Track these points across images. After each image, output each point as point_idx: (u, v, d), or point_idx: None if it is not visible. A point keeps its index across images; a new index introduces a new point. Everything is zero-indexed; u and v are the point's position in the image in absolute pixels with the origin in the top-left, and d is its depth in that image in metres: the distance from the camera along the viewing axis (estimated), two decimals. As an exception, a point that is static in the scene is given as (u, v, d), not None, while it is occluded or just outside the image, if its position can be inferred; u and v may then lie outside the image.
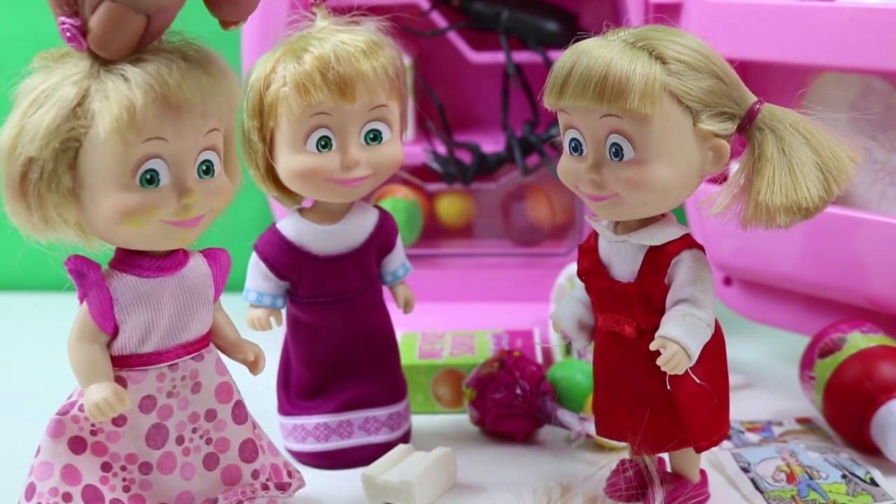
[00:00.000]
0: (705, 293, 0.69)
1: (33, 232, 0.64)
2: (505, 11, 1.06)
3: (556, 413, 0.85)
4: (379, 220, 0.82)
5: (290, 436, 0.84)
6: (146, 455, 0.68)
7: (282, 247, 0.80)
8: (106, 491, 0.67)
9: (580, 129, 0.68)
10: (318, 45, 0.74)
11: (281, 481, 0.74)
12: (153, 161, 0.63)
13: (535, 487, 0.75)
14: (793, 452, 0.81)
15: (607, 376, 0.73)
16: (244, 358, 0.73)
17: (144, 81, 0.61)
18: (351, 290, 0.81)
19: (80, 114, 0.61)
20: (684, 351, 0.67)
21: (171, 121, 0.62)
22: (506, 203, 1.13)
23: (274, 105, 0.75)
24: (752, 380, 0.97)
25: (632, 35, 0.67)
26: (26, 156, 0.61)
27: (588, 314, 0.74)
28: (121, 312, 0.66)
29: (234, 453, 0.72)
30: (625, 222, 0.71)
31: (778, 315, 0.99)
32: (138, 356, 0.67)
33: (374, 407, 0.84)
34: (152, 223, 0.64)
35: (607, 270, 0.72)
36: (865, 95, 0.90)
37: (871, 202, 0.90)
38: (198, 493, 0.70)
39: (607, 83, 0.65)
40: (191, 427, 0.70)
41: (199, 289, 0.69)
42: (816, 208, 0.66)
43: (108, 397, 0.64)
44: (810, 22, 0.87)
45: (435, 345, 0.96)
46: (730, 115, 0.67)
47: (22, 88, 0.63)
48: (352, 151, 0.76)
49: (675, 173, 0.67)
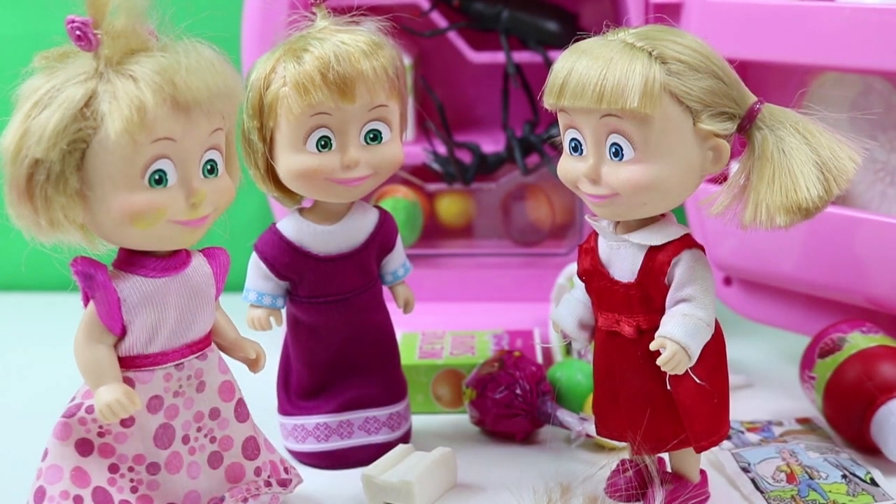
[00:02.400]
0: (705, 293, 0.69)
1: (39, 234, 0.64)
2: (505, 11, 1.06)
3: (556, 413, 0.85)
4: (379, 220, 0.82)
5: (290, 436, 0.84)
6: (154, 455, 0.68)
7: (282, 247, 0.80)
8: (114, 492, 0.67)
9: (580, 129, 0.68)
10: (318, 45, 0.74)
11: (281, 478, 0.74)
12: (161, 161, 0.63)
13: (535, 487, 0.75)
14: (793, 452, 0.81)
15: (607, 376, 0.73)
16: (245, 356, 0.73)
17: (154, 81, 0.61)
18: (351, 290, 0.81)
19: (87, 115, 0.61)
20: (684, 351, 0.67)
21: (180, 121, 0.63)
22: (506, 203, 1.13)
23: (274, 105, 0.75)
24: (752, 380, 0.97)
25: (632, 35, 0.67)
26: (32, 157, 0.61)
27: (588, 314, 0.74)
28: (128, 313, 0.66)
29: (238, 451, 0.72)
30: (625, 222, 0.71)
31: (778, 315, 0.99)
32: (145, 356, 0.67)
33: (374, 407, 0.84)
34: (161, 223, 0.64)
35: (607, 270, 0.72)
36: (866, 95, 0.90)
37: (872, 202, 0.90)
38: (204, 492, 0.70)
39: (607, 83, 0.65)
40: (196, 426, 0.70)
41: (202, 288, 0.69)
42: (816, 208, 0.66)
43: (120, 398, 0.64)
44: (810, 22, 0.87)
45: (435, 345, 0.96)
46: (730, 114, 0.67)
47: (24, 90, 0.62)
48: (352, 151, 0.76)
49: (675, 173, 0.67)
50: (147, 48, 0.63)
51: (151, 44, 0.63)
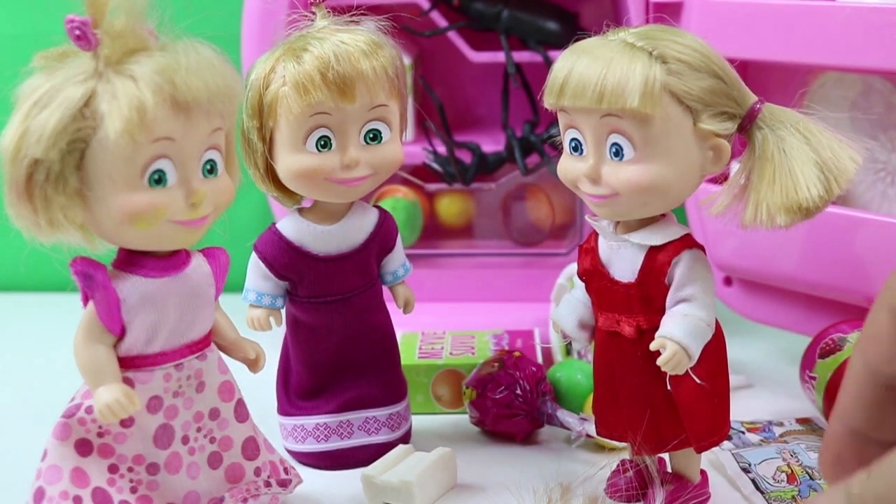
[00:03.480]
0: (705, 293, 0.69)
1: (38, 234, 0.64)
2: (505, 11, 1.06)
3: (556, 413, 0.85)
4: (379, 220, 0.82)
5: (290, 436, 0.84)
6: (153, 455, 0.68)
7: (281, 247, 0.80)
8: (113, 493, 0.67)
9: (580, 128, 0.68)
10: (318, 44, 0.74)
11: (280, 478, 0.74)
12: (161, 161, 0.63)
13: (535, 488, 0.75)
14: (793, 453, 0.81)
15: (607, 376, 0.73)
16: (245, 356, 0.73)
17: (153, 81, 0.61)
18: (351, 290, 0.81)
19: (87, 114, 0.61)
20: (684, 351, 0.67)
21: (180, 120, 0.62)
22: (506, 203, 1.13)
23: (273, 105, 0.75)
24: (752, 380, 0.97)
25: (632, 35, 0.67)
26: (32, 157, 0.61)
27: (588, 314, 0.74)
28: (128, 313, 0.66)
29: (237, 451, 0.72)
30: (625, 222, 0.71)
31: (778, 315, 0.99)
32: (145, 357, 0.67)
33: (374, 407, 0.84)
34: (160, 223, 0.64)
35: (607, 270, 0.72)
36: (866, 95, 0.90)
37: (872, 202, 0.90)
38: (204, 492, 0.70)
39: (607, 83, 0.65)
40: (195, 426, 0.70)
41: (202, 288, 0.69)
42: (817, 208, 0.66)
43: (120, 398, 0.64)
44: (810, 22, 0.87)
45: (435, 345, 0.96)
46: (730, 114, 0.67)
47: (23, 89, 0.62)
48: (351, 151, 0.76)
49: (676, 173, 0.67)
50: (147, 48, 0.63)
51: (151, 44, 0.63)
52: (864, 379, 0.56)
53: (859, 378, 0.56)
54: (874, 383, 0.55)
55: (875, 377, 0.55)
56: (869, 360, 0.55)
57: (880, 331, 0.53)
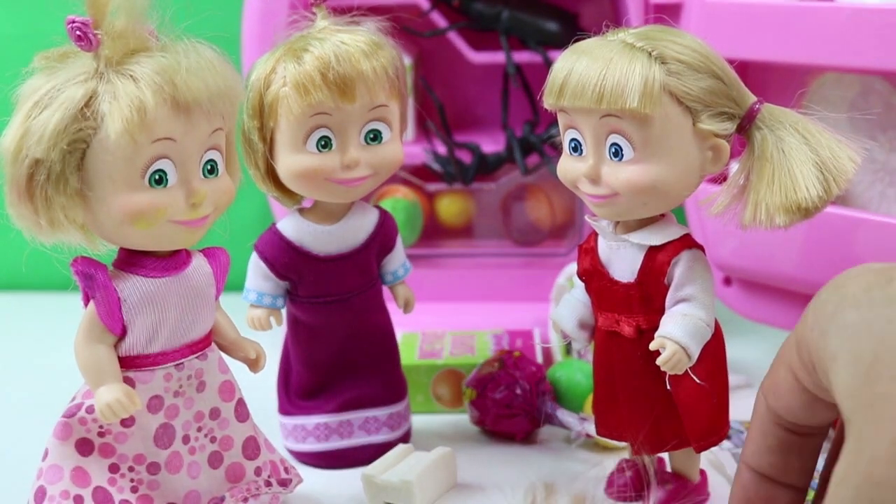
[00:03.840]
0: (705, 293, 0.69)
1: (39, 234, 0.64)
2: (505, 11, 1.06)
3: (555, 413, 0.85)
4: (379, 220, 0.82)
5: (290, 436, 0.84)
6: (154, 455, 0.68)
7: (282, 247, 0.80)
8: (114, 492, 0.67)
9: (580, 129, 0.68)
10: (318, 45, 0.74)
11: (281, 478, 0.74)
12: (162, 161, 0.63)
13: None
14: (792, 452, 0.81)
15: (607, 376, 0.73)
16: (245, 356, 0.73)
17: (154, 82, 0.61)
18: (351, 290, 0.81)
19: (87, 115, 0.61)
20: (684, 351, 0.67)
21: (180, 121, 0.63)
22: (506, 203, 1.13)
23: (274, 105, 0.75)
24: (752, 380, 0.97)
25: (631, 35, 0.67)
26: (33, 157, 0.61)
27: (588, 314, 0.74)
28: (128, 313, 0.66)
29: (238, 451, 0.72)
30: (625, 222, 0.71)
31: (778, 315, 0.99)
32: (145, 356, 0.67)
33: (374, 407, 0.84)
34: (161, 223, 0.64)
35: (607, 270, 0.72)
36: (865, 95, 0.90)
37: (871, 202, 0.90)
38: (204, 492, 0.70)
39: (607, 84, 0.65)
40: (196, 426, 0.70)
41: (202, 288, 0.69)
42: (816, 208, 0.66)
43: (120, 398, 0.64)
44: (810, 22, 0.87)
45: (435, 345, 0.96)
46: (729, 114, 0.67)
47: (24, 90, 0.62)
48: (352, 151, 0.76)
49: (675, 173, 0.67)
50: (147, 48, 0.63)
51: (151, 44, 0.63)
52: (767, 421, 0.58)
53: (763, 420, 0.58)
54: (777, 425, 0.57)
55: (778, 419, 0.56)
56: (771, 406, 0.56)
57: (780, 383, 0.56)
